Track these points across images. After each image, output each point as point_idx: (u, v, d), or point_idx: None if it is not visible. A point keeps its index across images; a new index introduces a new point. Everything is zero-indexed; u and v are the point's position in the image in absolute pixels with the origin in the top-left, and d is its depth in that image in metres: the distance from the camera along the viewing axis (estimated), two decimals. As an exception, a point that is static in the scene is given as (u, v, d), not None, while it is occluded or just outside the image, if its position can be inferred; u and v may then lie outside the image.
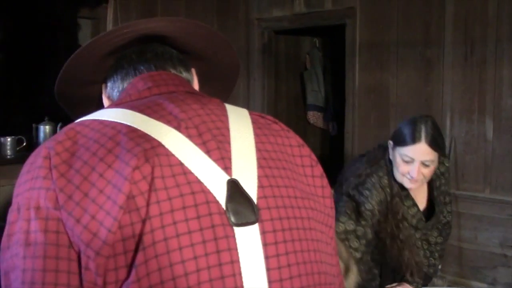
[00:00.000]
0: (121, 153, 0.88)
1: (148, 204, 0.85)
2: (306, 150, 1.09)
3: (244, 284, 0.86)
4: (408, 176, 2.36)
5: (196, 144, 0.93)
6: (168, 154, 0.90)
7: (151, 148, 0.89)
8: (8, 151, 4.00)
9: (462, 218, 4.41)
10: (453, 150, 4.42)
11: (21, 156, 3.85)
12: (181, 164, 0.90)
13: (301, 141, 1.10)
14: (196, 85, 1.20)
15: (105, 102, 1.17)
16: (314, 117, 6.68)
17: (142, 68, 1.12)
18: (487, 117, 4.28)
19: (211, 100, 1.07)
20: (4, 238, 0.89)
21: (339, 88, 6.04)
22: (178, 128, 0.94)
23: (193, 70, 1.20)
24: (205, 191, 0.89)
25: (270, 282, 0.89)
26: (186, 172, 0.89)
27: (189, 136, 0.94)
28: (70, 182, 0.87)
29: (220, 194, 0.90)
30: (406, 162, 2.35)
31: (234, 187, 0.91)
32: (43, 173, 0.89)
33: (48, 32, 4.66)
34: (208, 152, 0.93)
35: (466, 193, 4.39)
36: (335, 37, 6.20)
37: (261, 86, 5.87)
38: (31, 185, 0.89)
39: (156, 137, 0.91)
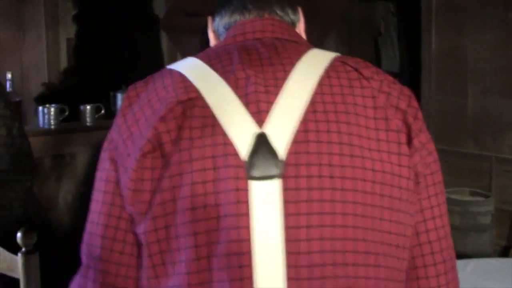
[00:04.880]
0: (160, 100, 0.95)
1: (172, 152, 0.90)
2: (384, 100, 0.98)
3: (252, 237, 0.86)
4: None
5: (239, 96, 0.93)
6: (204, 106, 0.92)
7: (188, 99, 0.93)
8: (88, 119, 4.11)
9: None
10: (534, 115, 4.26)
11: (100, 123, 3.95)
12: (213, 116, 0.91)
13: (385, 89, 0.99)
14: (302, 26, 1.17)
15: (210, 35, 1.19)
16: (389, 84, 6.57)
17: (249, 6, 1.11)
18: None
19: (294, 47, 1.04)
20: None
21: (414, 53, 5.91)
22: (227, 79, 0.95)
23: (300, 10, 1.17)
24: (227, 144, 0.89)
25: (287, 241, 0.86)
26: (215, 124, 0.91)
27: (236, 88, 0.94)
28: (126, 122, 0.97)
29: (244, 147, 0.89)
30: None
31: (261, 141, 0.89)
32: (121, 113, 1.00)
33: (123, 3, 4.79)
34: (247, 104, 0.92)
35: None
36: (410, 2, 6.04)
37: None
38: (114, 122, 1.01)
39: (199, 88, 0.94)
